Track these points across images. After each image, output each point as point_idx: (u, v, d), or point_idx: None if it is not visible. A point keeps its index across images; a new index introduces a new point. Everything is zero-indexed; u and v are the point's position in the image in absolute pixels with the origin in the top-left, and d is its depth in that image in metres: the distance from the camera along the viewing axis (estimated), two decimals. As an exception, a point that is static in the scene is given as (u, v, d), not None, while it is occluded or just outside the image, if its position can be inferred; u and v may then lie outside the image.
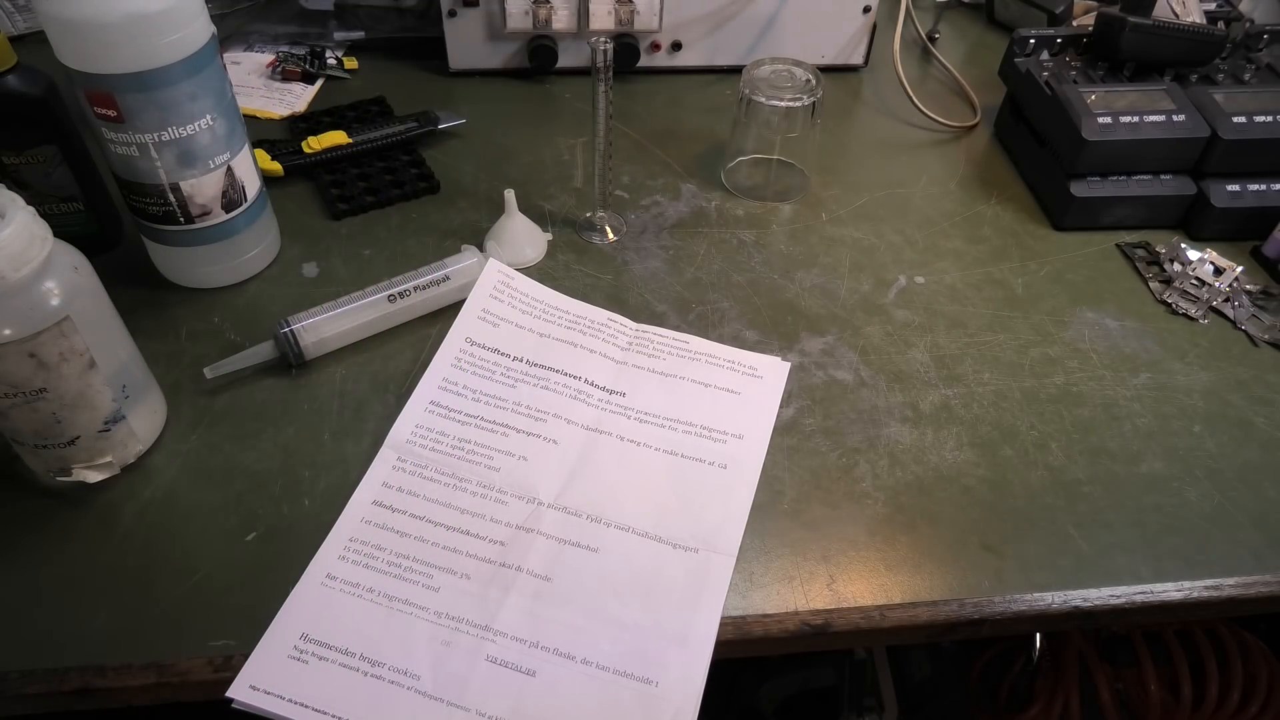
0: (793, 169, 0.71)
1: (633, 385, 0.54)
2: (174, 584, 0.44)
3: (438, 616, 0.44)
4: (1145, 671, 0.79)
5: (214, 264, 0.59)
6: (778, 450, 0.52)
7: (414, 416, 0.52)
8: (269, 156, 0.68)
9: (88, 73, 0.48)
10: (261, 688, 0.41)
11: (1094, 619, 0.46)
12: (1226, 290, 0.62)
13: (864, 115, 0.81)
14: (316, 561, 0.45)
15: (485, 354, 0.56)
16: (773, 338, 0.59)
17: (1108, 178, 0.66)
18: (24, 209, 0.41)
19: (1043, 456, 0.52)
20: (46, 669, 0.41)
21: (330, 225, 0.66)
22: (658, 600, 0.44)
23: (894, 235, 0.67)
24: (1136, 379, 0.57)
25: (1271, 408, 0.55)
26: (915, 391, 0.55)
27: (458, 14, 0.78)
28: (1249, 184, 0.66)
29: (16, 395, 0.43)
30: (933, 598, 0.45)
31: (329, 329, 0.55)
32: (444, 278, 0.58)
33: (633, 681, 0.42)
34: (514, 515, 0.48)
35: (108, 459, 0.47)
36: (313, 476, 0.49)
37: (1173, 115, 0.65)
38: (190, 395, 0.53)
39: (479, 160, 0.72)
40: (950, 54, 0.88)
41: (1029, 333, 0.60)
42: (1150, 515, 0.49)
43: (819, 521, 0.48)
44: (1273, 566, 0.47)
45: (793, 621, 0.44)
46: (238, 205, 0.57)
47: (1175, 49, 0.68)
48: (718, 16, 0.80)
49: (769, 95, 0.65)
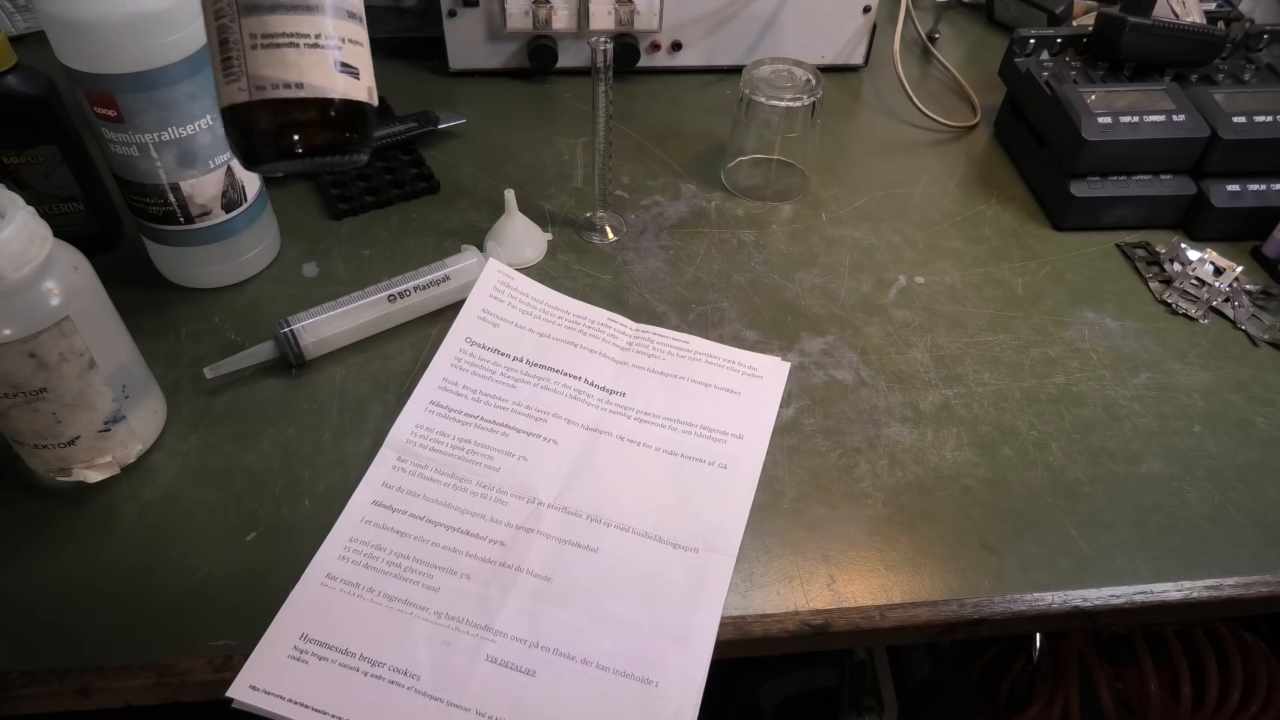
0: (793, 169, 0.71)
1: (633, 385, 0.54)
2: (174, 584, 0.44)
3: (438, 616, 0.44)
4: (1145, 671, 0.79)
5: (214, 264, 0.59)
6: (778, 450, 0.52)
7: (414, 416, 0.52)
8: (269, 156, 0.68)
9: (88, 73, 0.48)
10: (261, 687, 0.41)
11: (1094, 619, 0.46)
12: (1226, 290, 0.62)
13: (864, 115, 0.81)
14: (316, 561, 0.45)
15: (485, 354, 0.56)
16: (773, 338, 0.59)
17: (1108, 178, 0.66)
18: (24, 209, 0.41)
19: (1043, 456, 0.52)
20: (46, 669, 0.41)
21: (330, 225, 0.66)
22: (658, 600, 0.44)
23: (894, 235, 0.67)
24: (1136, 379, 0.57)
25: (1271, 408, 0.55)
26: (915, 391, 0.55)
27: (458, 14, 0.78)
28: (1249, 184, 0.66)
29: (16, 395, 0.43)
30: (933, 598, 0.45)
31: (329, 329, 0.55)
32: (444, 278, 0.58)
33: (633, 681, 0.42)
34: (514, 515, 0.48)
35: (108, 459, 0.47)
36: (313, 476, 0.49)
37: (1173, 115, 0.65)
38: (190, 395, 0.53)
39: (479, 160, 0.72)
40: (950, 54, 0.88)
41: (1029, 333, 0.60)
42: (1150, 515, 0.49)
43: (819, 521, 0.48)
44: (1273, 566, 0.47)
45: (793, 621, 0.44)
46: (238, 205, 0.57)
47: (1175, 49, 0.68)
48: (718, 16, 0.80)
49: (769, 95, 0.65)
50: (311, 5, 0.33)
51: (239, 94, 0.34)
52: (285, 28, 0.33)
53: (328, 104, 0.34)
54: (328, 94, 0.34)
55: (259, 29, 0.33)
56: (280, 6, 0.33)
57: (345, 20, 0.35)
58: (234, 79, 0.34)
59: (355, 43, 0.35)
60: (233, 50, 0.33)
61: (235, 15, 0.33)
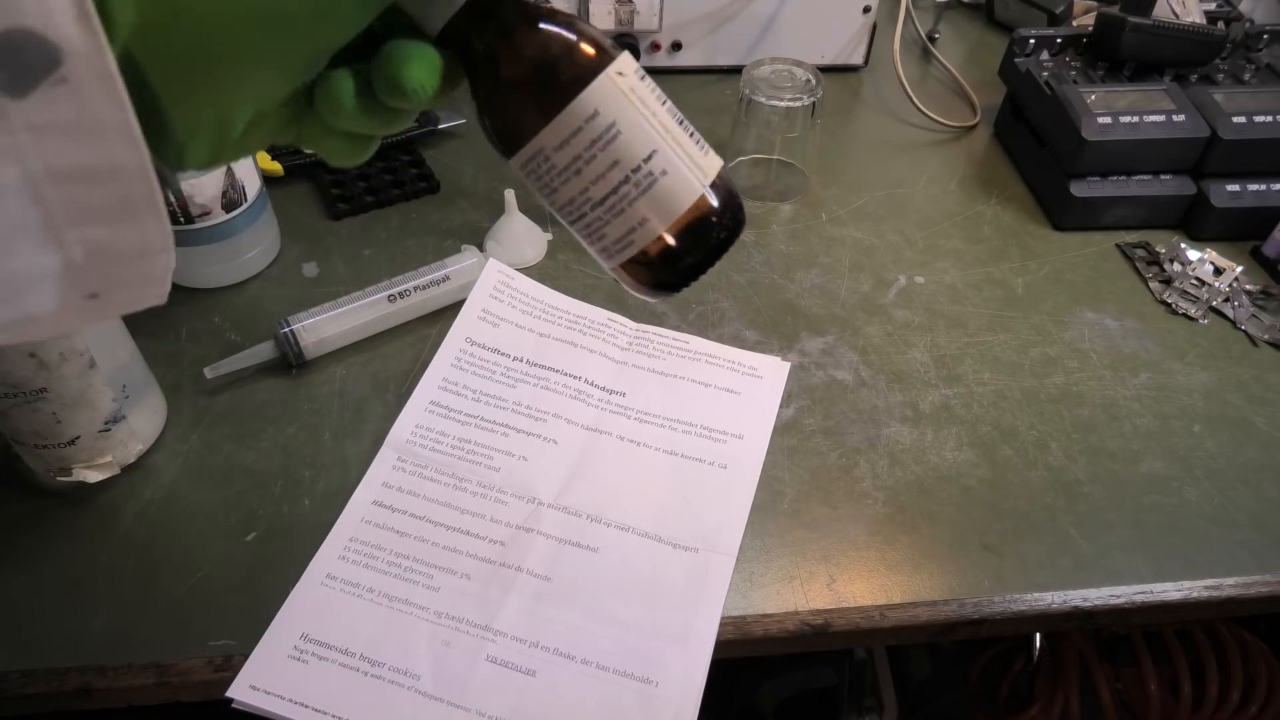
0: (793, 169, 0.71)
1: (633, 385, 0.54)
2: (174, 584, 0.44)
3: (438, 616, 0.44)
4: (1145, 671, 0.79)
5: (214, 264, 0.59)
6: (778, 450, 0.52)
7: (414, 416, 0.52)
8: (269, 156, 0.68)
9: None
10: (261, 688, 0.41)
11: (1094, 619, 0.46)
12: (1226, 290, 0.62)
13: (864, 115, 0.81)
14: (316, 561, 0.45)
15: (485, 354, 0.56)
16: (773, 338, 0.59)
17: (1108, 178, 0.66)
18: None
19: (1043, 456, 0.52)
20: (46, 669, 0.41)
21: (330, 225, 0.66)
22: (658, 600, 0.44)
23: (894, 235, 0.67)
24: (1136, 379, 0.57)
25: (1271, 408, 0.55)
26: (915, 391, 0.55)
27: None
28: (1249, 184, 0.66)
29: (16, 395, 0.43)
30: (933, 598, 0.45)
31: (329, 329, 0.55)
32: (444, 278, 0.58)
33: (633, 681, 0.42)
34: (514, 515, 0.48)
35: (108, 459, 0.47)
36: (313, 476, 0.49)
37: (1173, 115, 0.65)
38: (190, 395, 0.53)
39: (479, 160, 0.72)
40: (950, 54, 0.88)
41: (1029, 333, 0.60)
42: (1150, 515, 0.49)
43: (819, 521, 0.48)
44: (1273, 566, 0.47)
45: (793, 621, 0.44)
46: (238, 205, 0.57)
47: (1175, 49, 0.68)
48: (718, 16, 0.80)
49: (769, 95, 0.65)
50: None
51: (614, 259, 0.32)
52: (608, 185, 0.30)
53: (679, 224, 0.31)
54: (674, 218, 0.31)
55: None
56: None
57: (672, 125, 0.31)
58: (605, 252, 0.32)
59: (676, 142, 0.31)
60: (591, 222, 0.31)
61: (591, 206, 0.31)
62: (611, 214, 0.30)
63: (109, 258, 0.24)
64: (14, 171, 0.21)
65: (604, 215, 0.30)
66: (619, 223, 0.30)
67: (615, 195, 0.30)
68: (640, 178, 0.29)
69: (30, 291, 0.24)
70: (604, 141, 0.29)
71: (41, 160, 0.22)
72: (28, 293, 0.24)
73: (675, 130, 0.31)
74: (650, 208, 0.30)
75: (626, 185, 0.29)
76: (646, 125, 0.29)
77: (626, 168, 0.29)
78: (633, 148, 0.29)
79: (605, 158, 0.29)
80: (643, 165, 0.29)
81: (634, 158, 0.29)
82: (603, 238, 0.31)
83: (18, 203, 0.22)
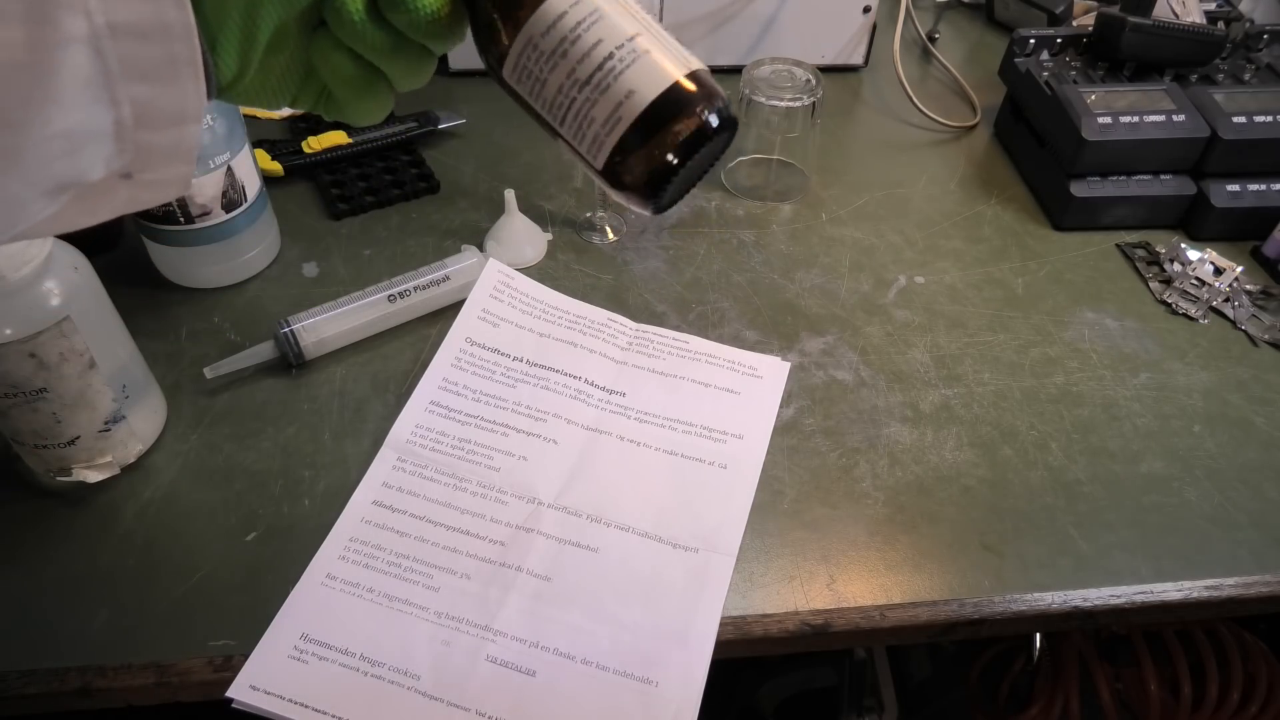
0: (793, 169, 0.71)
1: (633, 385, 0.54)
2: (174, 584, 0.44)
3: (438, 616, 0.44)
4: (1145, 671, 0.79)
5: (214, 264, 0.59)
6: (778, 450, 0.52)
7: (414, 416, 0.52)
8: (269, 156, 0.68)
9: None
10: (261, 688, 0.41)
11: (1094, 619, 0.46)
12: (1226, 290, 0.62)
13: (864, 115, 0.81)
14: (316, 561, 0.45)
15: (485, 354, 0.56)
16: (773, 338, 0.59)
17: (1108, 178, 0.66)
18: (24, 209, 0.41)
19: (1043, 456, 0.52)
20: (46, 669, 0.41)
21: (330, 225, 0.66)
22: (658, 600, 0.44)
23: (894, 235, 0.67)
24: (1136, 379, 0.57)
25: (1271, 408, 0.55)
26: (915, 391, 0.55)
27: (458, 14, 0.78)
28: (1249, 184, 0.66)
29: (16, 395, 0.43)
30: (933, 598, 0.45)
31: (329, 329, 0.55)
32: (444, 278, 0.58)
33: (633, 681, 0.42)
34: (514, 515, 0.48)
35: (108, 459, 0.47)
36: (313, 476, 0.49)
37: (1173, 115, 0.65)
38: (190, 395, 0.53)
39: (479, 160, 0.72)
40: (950, 54, 0.88)
41: (1029, 333, 0.60)
42: (1150, 515, 0.49)
43: (819, 521, 0.48)
44: (1273, 566, 0.47)
45: (793, 621, 0.44)
46: (238, 205, 0.57)
47: (1175, 49, 0.68)
48: (718, 16, 0.80)
49: (769, 95, 0.65)
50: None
51: (601, 158, 0.32)
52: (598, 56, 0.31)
53: (665, 97, 0.31)
54: (659, 90, 0.31)
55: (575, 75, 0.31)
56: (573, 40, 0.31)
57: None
58: (590, 149, 0.32)
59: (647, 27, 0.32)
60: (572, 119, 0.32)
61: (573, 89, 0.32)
62: (598, 91, 0.31)
63: (151, 121, 0.26)
64: (81, 24, 0.23)
65: (591, 95, 0.31)
66: (606, 100, 0.31)
67: (601, 71, 0.31)
68: (624, 54, 0.31)
69: (83, 149, 0.25)
70: (588, 23, 0.31)
71: (103, 14, 0.23)
72: (82, 149, 0.25)
73: (657, 26, 0.33)
74: (636, 79, 0.31)
75: (612, 60, 0.31)
76: (628, 14, 0.32)
77: (611, 44, 0.31)
78: (616, 29, 0.31)
79: (591, 35, 0.31)
80: (626, 43, 0.31)
81: (618, 36, 0.31)
82: (591, 122, 0.32)
83: (83, 54, 0.23)
